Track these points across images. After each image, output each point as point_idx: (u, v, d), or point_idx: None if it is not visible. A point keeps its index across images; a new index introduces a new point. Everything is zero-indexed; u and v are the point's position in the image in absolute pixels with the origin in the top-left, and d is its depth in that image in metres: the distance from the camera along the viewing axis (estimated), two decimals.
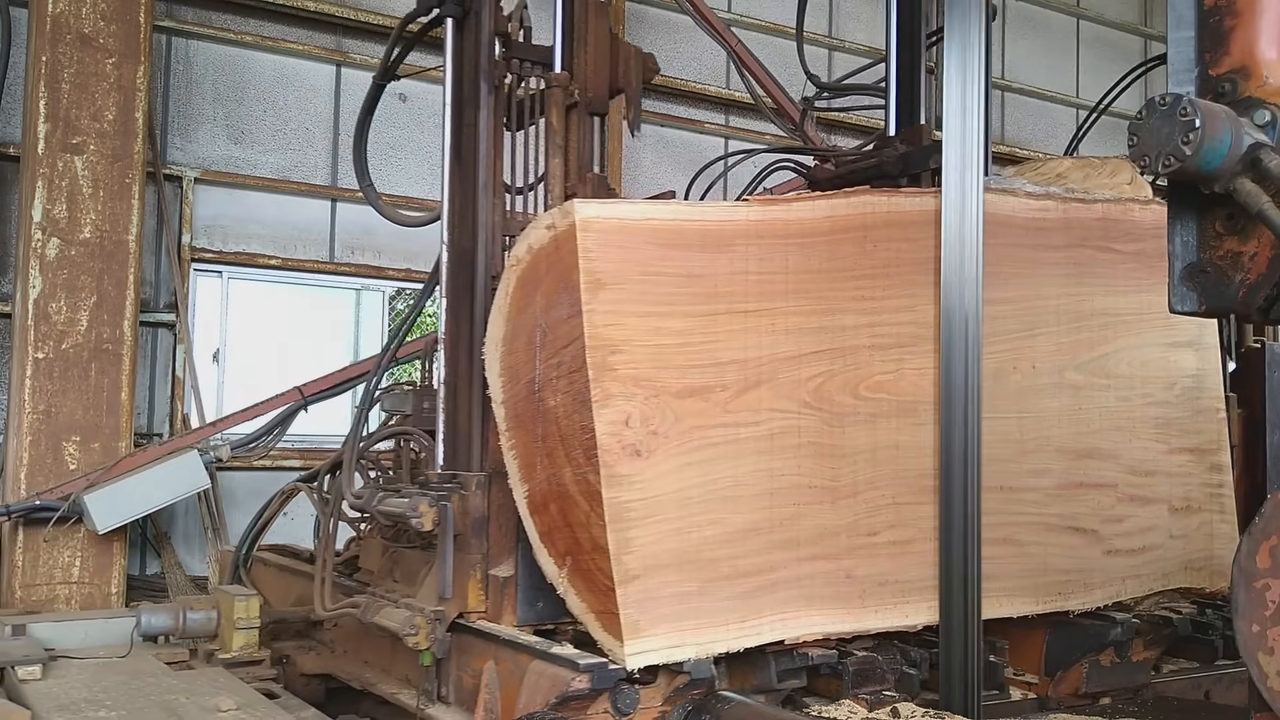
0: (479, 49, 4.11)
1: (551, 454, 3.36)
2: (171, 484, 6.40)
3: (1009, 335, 3.93)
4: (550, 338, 3.33)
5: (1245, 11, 2.17)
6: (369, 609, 3.94)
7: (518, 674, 3.38)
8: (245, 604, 4.60)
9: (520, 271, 3.47)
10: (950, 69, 3.73)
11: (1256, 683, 2.20)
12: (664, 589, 3.21)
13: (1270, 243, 2.12)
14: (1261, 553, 2.20)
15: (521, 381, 3.50)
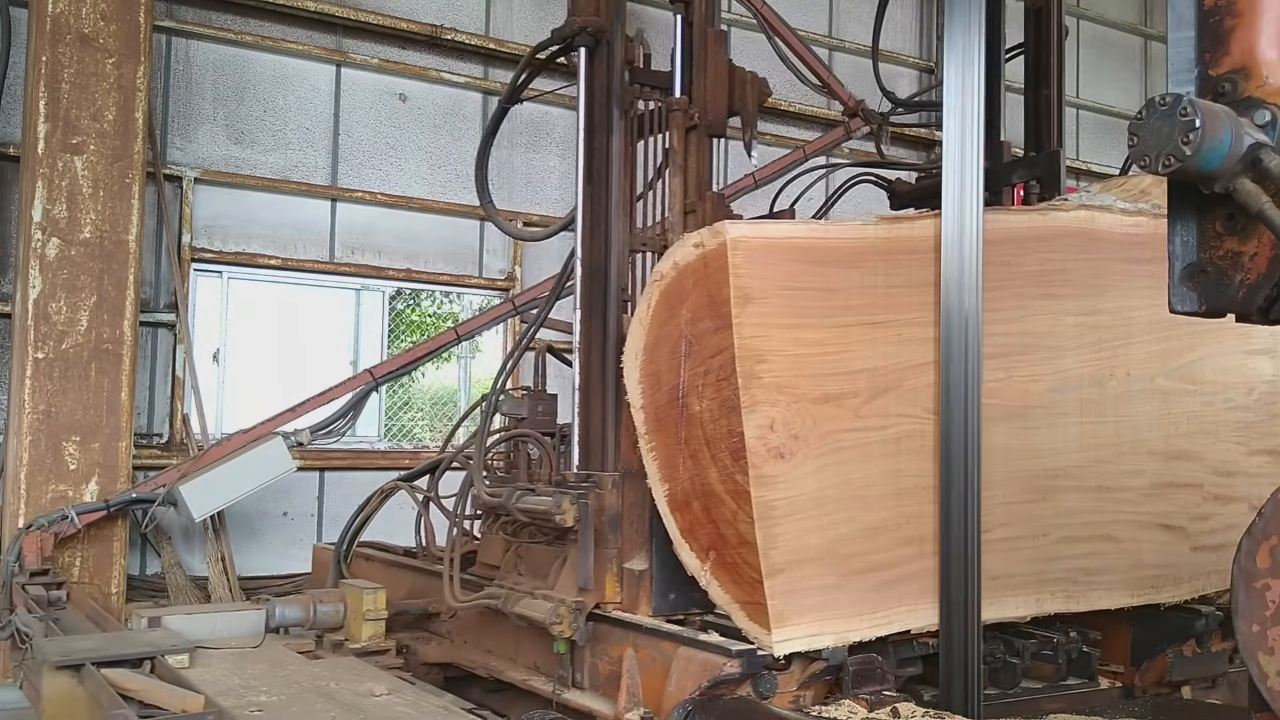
0: (610, 76, 4.36)
1: (696, 456, 3.62)
2: (259, 470, 6.61)
3: (1107, 344, 4.13)
4: (696, 348, 3.60)
5: (1245, 11, 2.17)
6: (509, 600, 4.18)
7: (659, 660, 3.64)
8: (373, 597, 4.80)
9: (664, 286, 3.73)
10: (950, 69, 3.73)
11: (1256, 683, 2.20)
12: (805, 581, 3.47)
13: (1270, 243, 2.12)
14: (1261, 553, 2.20)
15: (664, 388, 3.75)
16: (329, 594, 4.99)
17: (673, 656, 3.60)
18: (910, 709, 3.40)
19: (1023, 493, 3.92)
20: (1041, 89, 5.50)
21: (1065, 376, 4.02)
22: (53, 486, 6.45)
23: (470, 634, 4.88)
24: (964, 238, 3.66)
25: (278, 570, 7.91)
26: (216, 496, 6.45)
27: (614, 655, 3.90)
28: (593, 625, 3.99)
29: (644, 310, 3.82)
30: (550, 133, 9.37)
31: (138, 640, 4.39)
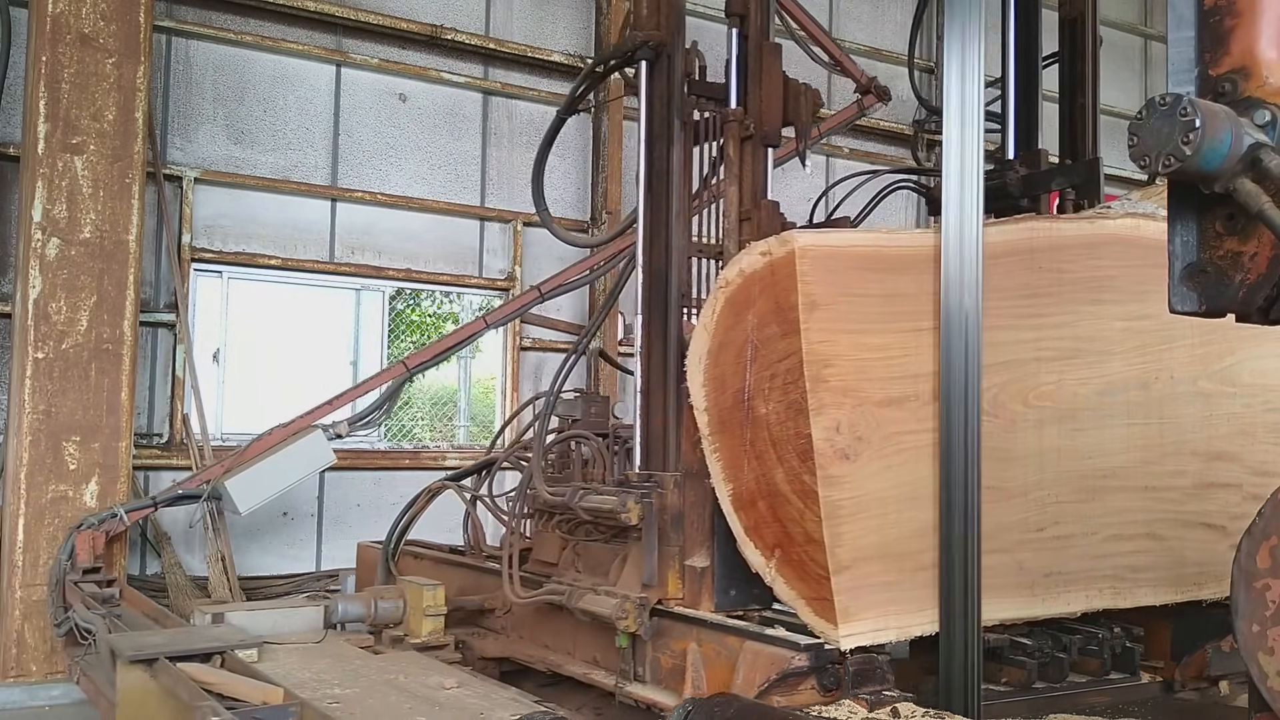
0: (671, 89, 4.47)
1: (761, 457, 3.74)
2: (301, 463, 6.72)
3: (1152, 348, 4.23)
4: (763, 352, 3.71)
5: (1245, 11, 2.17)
6: (572, 596, 4.32)
7: (724, 654, 3.76)
8: (433, 593, 4.91)
9: (730, 293, 3.83)
10: (950, 69, 3.73)
11: (1256, 683, 2.20)
12: (870, 578, 3.58)
13: (1270, 243, 2.12)
14: (1261, 553, 2.20)
15: (729, 391, 3.86)
16: (388, 591, 5.07)
17: (738, 651, 3.69)
18: (910, 709, 3.40)
19: (1073, 492, 4.03)
20: (1076, 97, 5.54)
21: (1112, 380, 4.12)
22: (53, 486, 6.45)
23: (527, 629, 5.00)
24: (964, 238, 3.66)
25: (278, 570, 7.92)
26: (261, 490, 6.56)
27: (676, 649, 4.03)
28: (656, 620, 4.11)
29: (708, 316, 3.93)
30: None
31: (207, 635, 4.51)
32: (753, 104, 4.59)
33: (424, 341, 9.08)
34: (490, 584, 5.13)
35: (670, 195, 4.44)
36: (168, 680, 3.87)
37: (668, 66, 4.48)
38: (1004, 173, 5.17)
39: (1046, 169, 5.16)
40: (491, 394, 9.25)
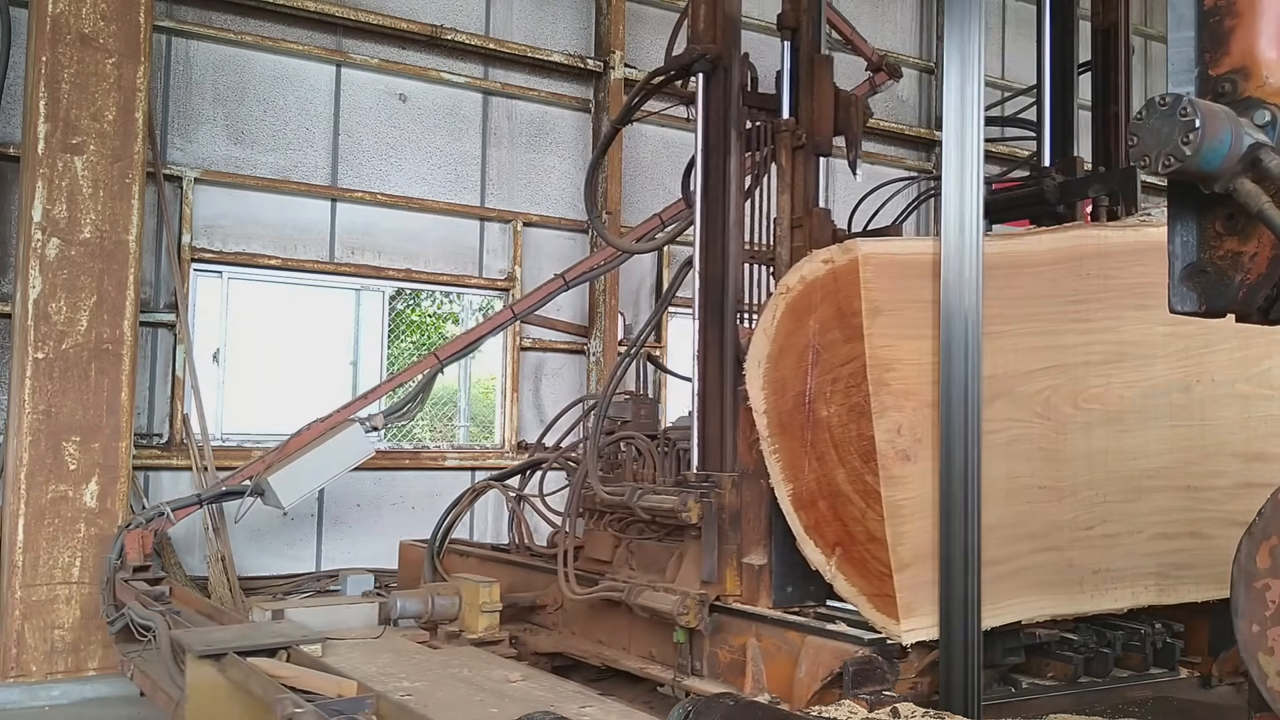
0: (728, 101, 4.63)
1: (823, 458, 3.87)
2: (341, 457, 6.81)
3: (1194, 352, 4.33)
4: (825, 356, 3.84)
5: (1245, 11, 2.17)
6: (631, 593, 4.43)
7: (784, 649, 3.92)
8: (488, 590, 5.04)
9: (790, 299, 3.95)
10: (950, 69, 3.73)
11: (1256, 683, 2.20)
12: (929, 575, 3.67)
13: (1270, 243, 2.12)
14: (1261, 553, 2.20)
15: (789, 394, 3.97)
16: (444, 588, 5.18)
17: (798, 645, 3.83)
18: (910, 709, 3.40)
19: (1120, 492, 4.13)
20: (1110, 105, 5.61)
21: (1155, 383, 4.22)
22: (53, 487, 6.45)
23: (579, 625, 5.11)
24: (964, 240, 3.66)
25: (277, 570, 7.92)
26: (303, 484, 6.67)
27: (735, 644, 4.15)
28: (715, 616, 4.24)
29: (768, 321, 4.05)
30: (551, 132, 9.37)
31: (273, 631, 4.63)
32: (804, 114, 4.73)
33: (424, 341, 9.09)
34: (540, 581, 5.26)
35: (727, 204, 4.57)
36: (238, 674, 3.99)
37: (724, 79, 4.64)
38: (1041, 180, 5.29)
39: (1083, 176, 5.24)
40: (491, 394, 9.25)
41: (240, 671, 3.99)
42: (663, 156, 9.94)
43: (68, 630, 6.47)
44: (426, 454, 8.67)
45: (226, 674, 4.08)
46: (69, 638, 6.47)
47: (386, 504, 8.40)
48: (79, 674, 6.48)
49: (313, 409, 8.41)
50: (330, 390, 8.48)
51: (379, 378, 8.55)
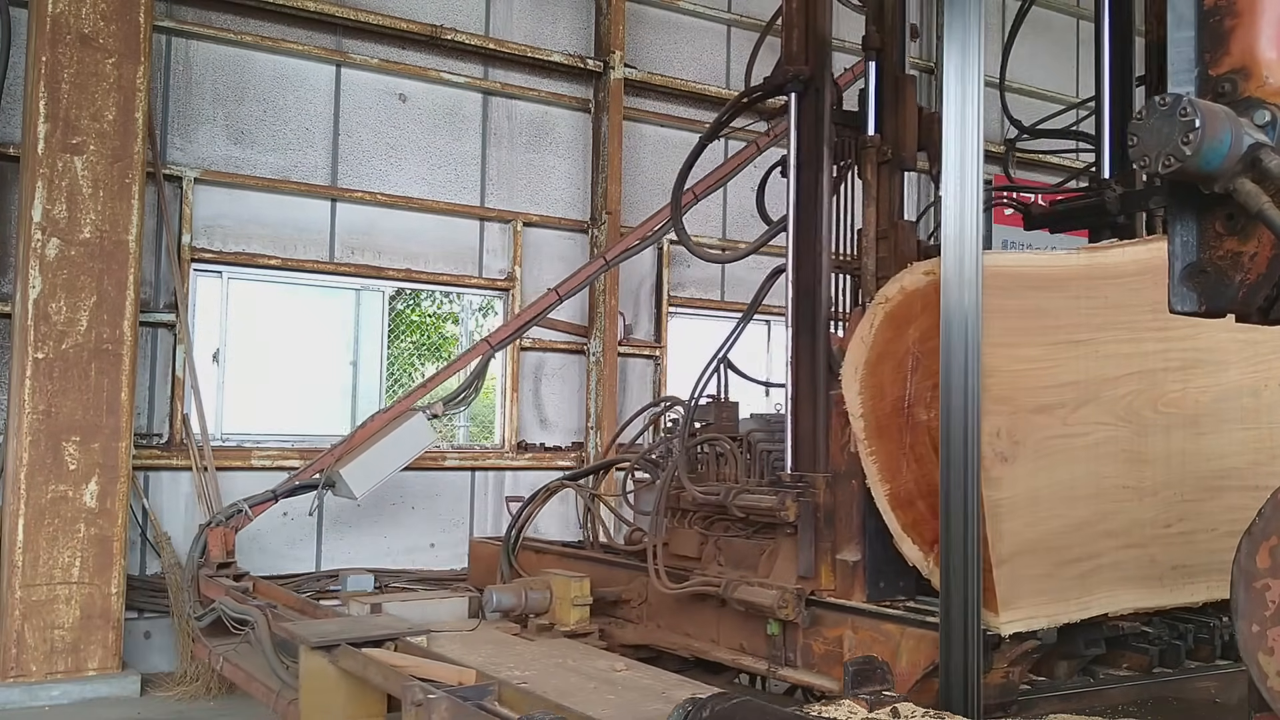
0: (819, 119, 4.85)
1: (922, 459, 4.07)
2: (406, 446, 7.06)
3: (1263, 358, 4.50)
4: (925, 363, 4.03)
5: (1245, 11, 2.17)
6: (729, 588, 4.64)
7: (880, 641, 4.14)
8: (579, 584, 5.26)
9: (890, 308, 4.13)
10: (950, 69, 3.73)
11: (1256, 683, 2.20)
12: (1025, 570, 3.89)
13: (1270, 243, 2.12)
14: (1261, 553, 2.20)
15: (887, 399, 4.15)
16: (536, 582, 5.35)
17: (896, 636, 4.06)
18: (910, 709, 3.40)
19: (1196, 491, 4.30)
20: None
21: (1228, 388, 4.39)
22: (53, 486, 6.46)
23: (665, 618, 5.30)
24: (964, 238, 3.66)
25: (278, 570, 7.91)
26: (373, 474, 6.92)
27: (830, 636, 4.37)
28: (811, 610, 4.44)
29: (866, 329, 4.18)
30: (551, 133, 9.37)
31: (380, 624, 4.85)
32: (889, 130, 4.96)
33: (424, 341, 9.09)
34: (619, 576, 5.50)
35: (820, 218, 4.82)
36: (354, 664, 4.25)
37: (816, 99, 4.85)
38: (1101, 191, 5.40)
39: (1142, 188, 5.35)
40: (491, 394, 9.25)
41: (356, 661, 4.24)
42: (663, 157, 9.95)
43: (68, 630, 6.47)
44: (426, 454, 8.66)
45: (339, 664, 4.33)
46: (69, 638, 6.47)
47: (387, 504, 8.40)
48: (79, 674, 6.49)
49: (312, 409, 8.43)
50: (330, 390, 8.48)
51: (379, 378, 8.56)
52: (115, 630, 6.60)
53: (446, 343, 9.17)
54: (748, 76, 5.51)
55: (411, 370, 8.98)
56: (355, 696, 4.30)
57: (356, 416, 8.51)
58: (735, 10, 10.37)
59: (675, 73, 9.93)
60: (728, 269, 10.29)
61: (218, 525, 6.62)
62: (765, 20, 10.38)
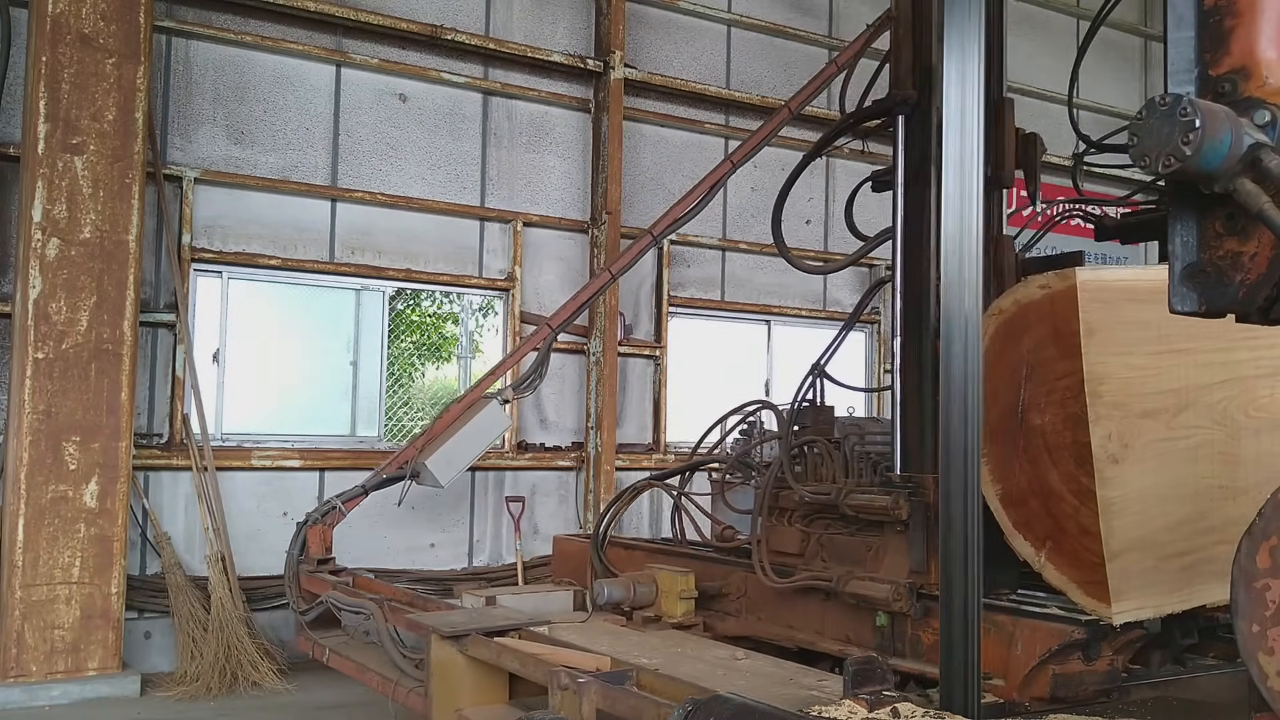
0: (927, 141, 5.17)
1: (1035, 461, 4.33)
2: (485, 432, 7.26)
3: None
4: (1039, 372, 4.32)
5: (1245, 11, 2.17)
6: (841, 581, 4.91)
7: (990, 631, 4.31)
8: (685, 578, 5.48)
9: (1003, 320, 4.42)
10: (950, 69, 3.73)
11: (1256, 683, 2.20)
12: (1134, 565, 4.10)
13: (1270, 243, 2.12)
14: (1261, 553, 2.21)
15: (999, 404, 4.43)
16: (642, 576, 5.59)
17: (1007, 627, 4.35)
18: (910, 709, 3.40)
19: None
20: None
21: None
22: (53, 486, 6.46)
23: (766, 611, 5.54)
24: (964, 238, 3.66)
25: (277, 570, 7.90)
26: (456, 462, 7.17)
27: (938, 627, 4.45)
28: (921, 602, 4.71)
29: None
30: (550, 133, 9.37)
31: (502, 615, 5.08)
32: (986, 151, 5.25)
33: (424, 341, 9.09)
34: (715, 571, 5.76)
35: (926, 234, 5.13)
36: (486, 652, 4.51)
37: (923, 121, 5.20)
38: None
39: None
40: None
41: (489, 650, 4.50)
42: (663, 157, 9.95)
43: (68, 630, 6.47)
44: None
45: (467, 652, 4.59)
46: (69, 638, 6.47)
47: (387, 504, 8.39)
48: (79, 674, 6.49)
49: (313, 409, 8.43)
50: (330, 390, 8.48)
51: (379, 378, 8.56)
52: (115, 630, 6.61)
53: (447, 343, 9.17)
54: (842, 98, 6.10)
55: (412, 370, 8.98)
56: (481, 683, 4.60)
57: (356, 416, 8.52)
58: (735, 10, 10.37)
59: (675, 73, 9.94)
60: (728, 269, 10.30)
61: (314, 523, 6.79)
62: (765, 20, 10.41)
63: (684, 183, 9.94)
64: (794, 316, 10.65)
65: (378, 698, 6.81)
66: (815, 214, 10.82)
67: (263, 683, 6.85)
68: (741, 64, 10.45)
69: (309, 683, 7.13)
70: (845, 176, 10.94)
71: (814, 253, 10.69)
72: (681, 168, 10.00)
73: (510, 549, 8.85)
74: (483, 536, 8.89)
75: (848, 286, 10.97)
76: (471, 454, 7.32)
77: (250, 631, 7.14)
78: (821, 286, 10.84)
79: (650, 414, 9.76)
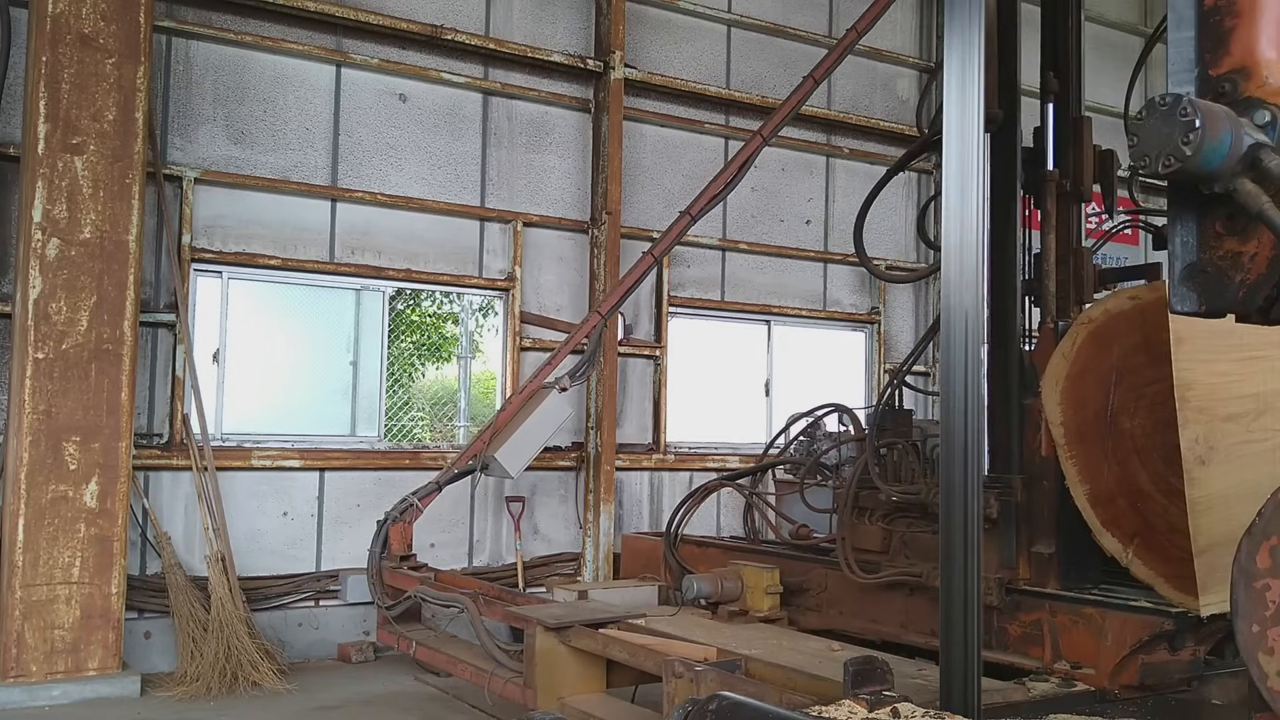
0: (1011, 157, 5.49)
1: (1124, 462, 4.57)
2: (548, 421, 7.61)
3: None
4: (1128, 378, 4.57)
5: (1245, 11, 2.17)
6: (930, 576, 5.15)
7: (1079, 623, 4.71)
8: (770, 574, 5.70)
9: (1093, 329, 4.67)
10: (950, 69, 3.73)
11: (1256, 683, 2.20)
12: (1219, 560, 4.21)
13: (1270, 243, 2.12)
14: (1261, 553, 2.21)
15: (1089, 409, 4.66)
16: (728, 572, 5.79)
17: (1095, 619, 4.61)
18: (910, 709, 3.40)
19: None
20: None
21: None
22: (53, 486, 6.46)
23: (848, 606, 5.78)
24: (964, 238, 3.66)
25: (278, 570, 7.92)
26: (524, 453, 7.53)
27: (1026, 620, 4.90)
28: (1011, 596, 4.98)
29: (1068, 347, 4.75)
30: (551, 132, 9.37)
31: (599, 608, 5.33)
32: (1066, 166, 5.56)
33: (424, 341, 9.09)
34: (793, 567, 5.99)
35: (1011, 246, 5.44)
36: (591, 643, 4.77)
37: (1007, 139, 5.49)
38: None
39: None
40: (491, 394, 9.25)
41: (594, 641, 4.75)
42: (663, 157, 9.95)
43: (68, 630, 6.47)
44: (426, 454, 8.67)
45: (570, 642, 4.86)
46: (69, 638, 6.47)
47: (387, 504, 8.37)
48: (79, 674, 6.49)
49: (312, 409, 8.43)
50: (330, 390, 8.48)
51: (379, 378, 8.55)
52: (115, 630, 6.60)
53: (446, 343, 9.16)
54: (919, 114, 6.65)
55: (412, 370, 8.98)
56: (581, 673, 4.89)
57: (356, 416, 8.52)
58: (735, 10, 10.37)
59: (675, 73, 9.93)
60: (727, 269, 10.29)
61: (394, 522, 7.01)
62: (765, 21, 10.41)
63: (684, 182, 9.95)
64: (794, 316, 10.65)
65: (377, 698, 6.83)
66: (815, 214, 10.82)
67: (263, 683, 6.85)
68: (741, 63, 10.44)
69: (309, 683, 7.13)
70: (845, 176, 10.94)
71: (814, 253, 10.70)
72: (681, 168, 10.00)
73: (510, 549, 8.85)
74: (483, 536, 8.88)
75: (847, 287, 10.97)
76: (537, 443, 7.62)
77: (250, 631, 7.13)
78: (821, 287, 10.84)
79: (650, 414, 9.76)
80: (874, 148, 11.04)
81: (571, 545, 9.16)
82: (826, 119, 10.67)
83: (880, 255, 11.08)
